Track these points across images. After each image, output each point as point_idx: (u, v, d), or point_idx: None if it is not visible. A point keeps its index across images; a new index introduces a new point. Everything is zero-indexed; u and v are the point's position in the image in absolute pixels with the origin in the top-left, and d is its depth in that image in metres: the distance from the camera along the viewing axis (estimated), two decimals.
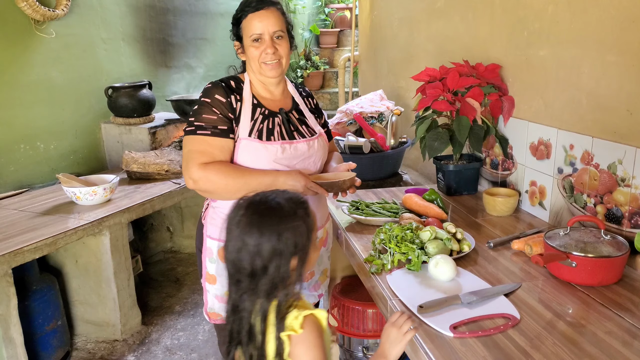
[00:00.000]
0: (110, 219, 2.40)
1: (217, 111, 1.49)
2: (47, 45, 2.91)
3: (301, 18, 5.51)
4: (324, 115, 1.74)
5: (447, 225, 1.70)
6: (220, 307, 1.63)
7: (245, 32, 1.51)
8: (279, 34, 1.52)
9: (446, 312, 1.28)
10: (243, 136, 1.49)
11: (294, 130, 1.57)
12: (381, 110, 2.83)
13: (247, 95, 1.55)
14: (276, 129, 1.54)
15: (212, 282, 1.62)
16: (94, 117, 3.25)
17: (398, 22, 3.27)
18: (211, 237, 1.59)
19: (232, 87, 1.55)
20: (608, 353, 1.10)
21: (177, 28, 3.94)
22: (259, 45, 1.50)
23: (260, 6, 1.49)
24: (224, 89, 1.52)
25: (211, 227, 1.59)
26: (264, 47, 1.50)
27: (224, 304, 1.60)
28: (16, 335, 2.03)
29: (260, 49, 1.50)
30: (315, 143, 1.59)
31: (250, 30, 1.50)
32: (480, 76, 2.08)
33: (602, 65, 1.59)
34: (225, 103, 1.50)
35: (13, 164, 2.79)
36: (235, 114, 1.51)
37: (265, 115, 1.54)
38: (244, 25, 1.51)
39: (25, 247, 2.02)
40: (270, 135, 1.52)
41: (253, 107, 1.54)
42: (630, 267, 1.49)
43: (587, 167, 1.67)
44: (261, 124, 1.52)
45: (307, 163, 1.57)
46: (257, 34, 1.49)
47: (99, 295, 2.52)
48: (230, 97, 1.52)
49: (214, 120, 1.48)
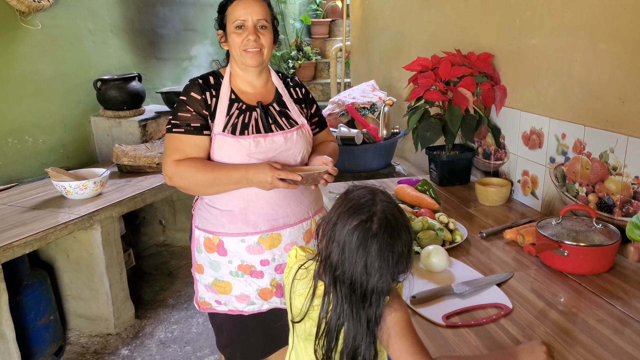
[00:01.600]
0: (101, 213, 2.38)
1: (192, 109, 1.51)
2: (33, 37, 2.86)
3: (292, 8, 5.46)
4: (314, 105, 1.72)
5: (439, 216, 1.70)
6: (210, 297, 1.64)
7: (229, 18, 1.50)
8: (262, 23, 1.50)
9: (439, 303, 1.28)
10: (217, 132, 1.50)
11: (272, 123, 1.55)
12: (373, 100, 2.81)
13: (225, 90, 1.55)
14: (252, 123, 1.52)
15: (200, 271, 1.64)
16: (83, 110, 3.21)
17: (390, 12, 3.24)
18: (199, 227, 1.61)
19: (210, 83, 1.55)
20: (599, 341, 1.11)
21: (166, 19, 3.89)
22: (241, 32, 1.49)
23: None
24: (200, 86, 1.54)
25: (199, 218, 1.62)
26: (246, 34, 1.48)
27: (212, 293, 1.61)
28: (8, 331, 2.02)
29: (242, 36, 1.49)
30: (293, 135, 1.55)
31: (233, 17, 1.49)
32: (473, 65, 2.07)
33: (593, 54, 1.58)
34: (200, 100, 1.52)
35: (1, 159, 2.75)
36: (210, 111, 1.52)
37: (242, 110, 1.53)
38: (229, 12, 1.50)
39: (15, 242, 2.00)
40: (244, 130, 1.51)
41: (230, 102, 1.54)
42: (622, 256, 1.50)
43: (579, 156, 1.67)
44: (236, 119, 1.52)
45: (286, 156, 1.54)
46: (240, 20, 1.48)
47: (91, 289, 2.51)
48: (205, 93, 1.53)
49: (188, 118, 1.51)
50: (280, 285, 1.60)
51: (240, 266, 1.57)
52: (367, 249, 0.96)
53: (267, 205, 1.53)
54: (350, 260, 0.97)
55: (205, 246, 1.59)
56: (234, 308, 1.62)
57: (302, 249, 1.18)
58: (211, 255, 1.59)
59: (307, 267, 1.11)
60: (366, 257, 0.96)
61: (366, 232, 0.97)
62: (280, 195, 1.54)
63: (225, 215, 1.55)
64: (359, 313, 0.98)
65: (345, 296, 0.99)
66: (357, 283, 0.98)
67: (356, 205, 1.01)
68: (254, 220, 1.53)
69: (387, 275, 0.97)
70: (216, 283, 1.61)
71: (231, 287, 1.59)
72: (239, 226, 1.54)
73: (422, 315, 1.23)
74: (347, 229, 0.98)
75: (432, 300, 1.29)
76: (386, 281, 0.98)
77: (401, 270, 1.00)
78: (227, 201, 1.54)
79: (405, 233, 1.00)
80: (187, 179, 1.49)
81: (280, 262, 1.58)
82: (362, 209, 0.99)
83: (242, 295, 1.60)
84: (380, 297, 0.98)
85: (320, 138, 1.72)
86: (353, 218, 0.98)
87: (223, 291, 1.61)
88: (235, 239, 1.54)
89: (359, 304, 0.98)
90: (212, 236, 1.57)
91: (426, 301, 1.28)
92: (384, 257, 0.97)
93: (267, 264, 1.57)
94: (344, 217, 1.00)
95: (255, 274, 1.58)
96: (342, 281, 0.99)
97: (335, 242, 1.00)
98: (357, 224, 0.98)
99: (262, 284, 1.59)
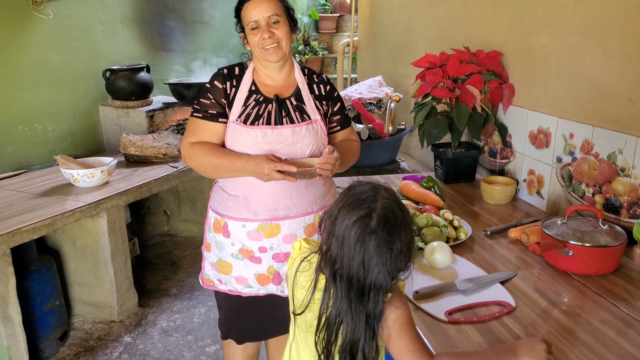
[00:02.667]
0: (108, 202, 2.39)
1: (211, 96, 1.59)
2: (45, 27, 2.88)
3: (300, 3, 5.45)
4: (339, 103, 1.72)
5: (444, 213, 1.70)
6: (213, 275, 1.70)
7: (245, 21, 1.55)
8: (274, 18, 1.54)
9: (442, 299, 1.28)
10: (232, 120, 1.57)
11: (285, 116, 1.58)
12: (380, 96, 2.81)
13: (247, 81, 1.60)
14: (265, 115, 1.57)
15: (208, 249, 1.71)
16: (91, 99, 3.23)
17: (398, 8, 3.23)
18: (212, 208, 1.68)
19: (235, 73, 1.62)
20: (602, 341, 1.11)
21: (175, 11, 3.89)
22: (256, 32, 1.54)
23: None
24: (223, 75, 1.61)
25: (213, 199, 1.69)
26: (261, 33, 1.53)
27: (216, 271, 1.67)
28: (15, 315, 2.04)
29: (258, 36, 1.54)
30: (302, 129, 1.58)
31: (247, 19, 1.54)
32: (481, 63, 2.07)
33: (604, 53, 1.57)
34: (221, 89, 1.59)
35: (11, 145, 2.78)
36: (228, 100, 1.59)
37: (259, 101, 1.58)
38: (243, 15, 1.55)
39: (24, 228, 2.02)
40: (256, 120, 1.56)
41: (250, 93, 1.59)
42: (628, 258, 1.49)
43: (587, 157, 1.66)
44: (252, 110, 1.57)
45: (293, 149, 1.57)
46: (253, 21, 1.53)
47: (96, 276, 2.53)
48: (226, 83, 1.59)
49: (207, 105, 1.59)
50: (277, 273, 1.63)
51: (241, 249, 1.62)
52: (365, 244, 0.97)
53: (268, 195, 1.57)
54: (348, 254, 0.98)
55: (214, 226, 1.66)
56: (233, 289, 1.67)
57: (307, 242, 1.19)
58: (217, 236, 1.65)
59: (310, 260, 1.11)
60: (364, 252, 0.97)
61: (364, 228, 0.97)
62: (281, 187, 1.56)
63: (231, 200, 1.61)
64: (357, 308, 0.99)
65: (343, 290, 0.99)
66: (354, 278, 0.98)
67: (357, 200, 1.01)
68: (254, 208, 1.58)
69: (385, 272, 0.97)
70: (219, 262, 1.67)
71: (232, 268, 1.65)
72: (242, 212, 1.59)
73: (424, 311, 1.23)
74: (347, 223, 0.99)
75: (435, 296, 1.29)
76: (384, 278, 0.98)
77: (400, 268, 1.00)
78: (235, 187, 1.60)
79: (406, 231, 1.00)
80: (196, 161, 1.58)
81: (278, 252, 1.61)
82: (363, 205, 1.00)
83: (241, 277, 1.65)
84: (379, 294, 0.98)
85: (340, 137, 1.74)
86: (352, 213, 0.99)
87: (224, 271, 1.66)
88: (237, 223, 1.60)
89: (357, 298, 0.99)
90: (220, 218, 1.64)
91: (429, 297, 1.29)
92: (382, 253, 0.97)
93: (265, 251, 1.61)
94: (344, 212, 1.00)
95: (254, 259, 1.62)
96: (341, 275, 0.99)
97: (335, 236, 1.00)
98: (356, 219, 0.98)
99: (260, 270, 1.63)
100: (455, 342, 1.11)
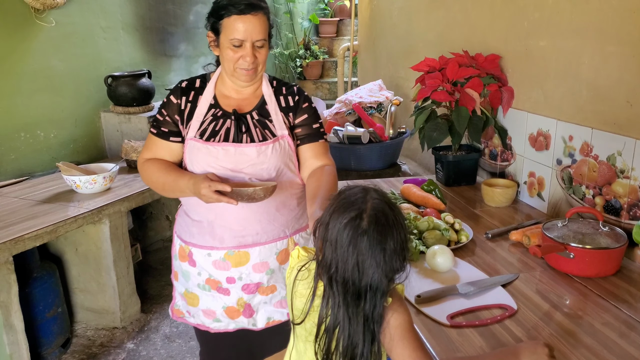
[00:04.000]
0: (110, 208, 2.40)
1: (165, 112, 1.50)
2: (47, 34, 2.90)
3: (301, 7, 5.47)
4: (305, 115, 1.53)
5: (445, 216, 1.71)
6: (183, 306, 1.60)
7: (226, 31, 1.39)
8: (260, 43, 1.41)
9: (443, 302, 1.28)
10: (190, 137, 1.46)
11: (244, 132, 1.44)
12: (380, 100, 2.82)
13: (208, 95, 1.49)
14: (222, 131, 1.44)
15: (176, 278, 1.62)
16: (93, 105, 3.24)
17: (398, 12, 3.25)
18: (177, 234, 1.59)
19: (195, 87, 1.51)
20: (604, 344, 1.11)
21: (176, 17, 3.91)
22: (238, 50, 1.40)
23: (248, 10, 1.37)
24: (181, 90, 1.50)
25: (177, 224, 1.60)
26: (244, 55, 1.40)
27: (184, 302, 1.56)
28: (17, 322, 2.04)
29: (238, 54, 1.40)
30: (269, 149, 1.44)
31: (232, 33, 1.38)
32: (480, 66, 2.08)
33: (602, 56, 1.58)
34: (175, 105, 1.49)
35: (13, 152, 2.79)
36: (182, 116, 1.48)
37: (217, 116, 1.46)
38: (226, 24, 1.38)
39: (26, 235, 2.03)
40: (212, 137, 1.43)
41: (209, 107, 1.48)
42: (629, 259, 1.49)
43: (586, 159, 1.67)
44: (209, 125, 1.45)
45: (259, 169, 1.44)
46: (238, 39, 1.38)
47: (98, 283, 2.54)
48: (182, 98, 1.48)
49: (161, 122, 1.51)
50: (248, 305, 1.53)
51: (207, 280, 1.51)
52: (358, 246, 0.96)
53: (235, 220, 1.45)
54: (342, 258, 0.98)
55: (179, 254, 1.56)
56: (201, 322, 1.57)
57: (305, 250, 1.18)
58: (183, 265, 1.55)
59: (309, 267, 1.11)
60: (357, 254, 0.96)
61: (356, 229, 0.97)
62: (249, 210, 1.44)
63: (195, 225, 1.50)
64: (354, 311, 0.98)
65: (340, 295, 0.99)
66: (349, 281, 0.98)
67: (347, 203, 1.01)
68: (220, 235, 1.46)
69: (379, 272, 0.97)
70: (187, 293, 1.57)
71: (199, 300, 1.54)
72: (206, 239, 1.48)
73: (426, 315, 1.24)
74: (338, 227, 0.99)
75: (437, 300, 1.30)
76: (379, 279, 0.97)
77: (396, 268, 1.00)
78: (198, 211, 1.48)
79: (398, 230, 0.99)
80: (147, 178, 1.51)
81: (248, 282, 1.50)
82: (353, 207, 0.99)
83: (209, 310, 1.54)
84: (375, 295, 0.98)
85: (307, 153, 1.54)
86: (343, 216, 0.99)
87: (191, 303, 1.56)
88: (202, 251, 1.49)
89: (354, 302, 0.98)
90: (185, 245, 1.53)
91: (431, 301, 1.29)
92: (375, 253, 0.96)
93: (234, 282, 1.50)
94: (335, 216, 1.00)
95: (222, 290, 1.51)
96: (337, 280, 0.99)
97: (329, 241, 1.00)
98: (347, 221, 0.98)
99: (229, 302, 1.52)
100: (457, 345, 1.12)
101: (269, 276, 1.53)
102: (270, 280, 1.54)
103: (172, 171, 1.46)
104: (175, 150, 1.50)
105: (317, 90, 5.27)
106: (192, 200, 1.47)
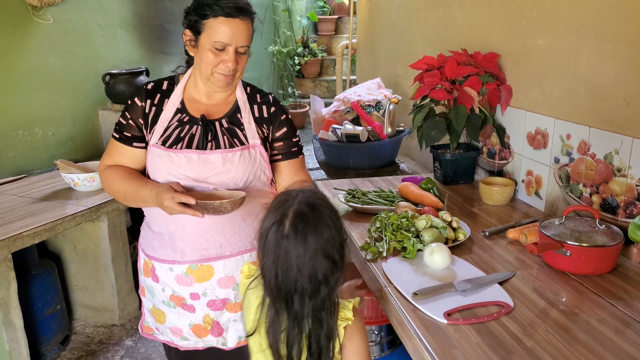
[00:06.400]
0: (108, 205, 2.40)
1: (129, 115, 1.42)
2: (44, 31, 2.89)
3: (299, 5, 5.47)
4: (284, 129, 1.47)
5: (442, 214, 1.71)
6: (152, 322, 1.53)
7: (209, 33, 1.31)
8: (244, 49, 1.35)
9: (440, 299, 1.29)
10: (152, 143, 1.38)
11: (210, 140, 1.37)
12: (379, 98, 2.82)
13: (175, 98, 1.41)
14: (186, 138, 1.37)
15: (142, 294, 1.54)
16: (91, 103, 3.24)
17: (396, 10, 3.25)
18: (140, 247, 1.52)
19: (161, 89, 1.43)
20: (600, 341, 1.12)
21: (174, 14, 3.90)
22: (219, 54, 1.32)
23: (237, 14, 1.30)
24: (146, 92, 1.42)
25: (141, 238, 1.52)
26: (225, 59, 1.33)
27: (153, 319, 1.49)
28: (16, 319, 2.05)
29: (219, 58, 1.33)
30: (236, 156, 1.36)
31: (215, 35, 1.30)
32: (478, 65, 2.08)
33: (600, 55, 1.59)
34: (139, 108, 1.41)
35: (11, 150, 2.79)
36: (146, 120, 1.40)
37: (183, 122, 1.39)
38: (210, 25, 1.30)
39: (25, 233, 2.03)
40: (175, 144, 1.36)
41: (175, 112, 1.40)
42: (625, 257, 1.50)
43: (584, 157, 1.67)
44: (173, 131, 1.38)
45: (224, 178, 1.36)
46: (222, 43, 1.31)
47: (97, 280, 2.54)
48: (147, 101, 1.40)
49: (124, 126, 1.43)
50: (216, 323, 1.45)
51: (171, 296, 1.43)
52: (280, 250, 0.98)
53: (196, 232, 1.37)
54: (270, 264, 0.99)
55: (144, 269, 1.49)
56: (170, 340, 1.50)
57: (254, 264, 1.17)
58: (147, 280, 1.48)
59: (259, 278, 1.09)
60: (279, 258, 0.98)
61: (278, 234, 0.99)
62: (212, 222, 1.36)
63: (156, 238, 1.43)
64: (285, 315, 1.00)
65: (271, 301, 1.01)
66: (277, 286, 0.99)
67: (272, 209, 1.02)
68: (181, 248, 1.38)
69: (301, 276, 0.98)
70: (154, 310, 1.50)
71: (165, 317, 1.47)
72: (168, 252, 1.40)
73: (423, 312, 1.24)
74: (265, 234, 1.00)
75: (434, 297, 1.30)
76: (307, 281, 0.98)
77: (323, 270, 0.99)
78: (159, 222, 1.41)
79: (326, 230, 0.99)
80: (108, 186, 1.44)
81: (213, 298, 1.42)
82: (277, 212, 1.01)
83: (176, 328, 1.47)
84: (303, 299, 0.99)
85: (284, 170, 1.50)
86: (268, 222, 1.00)
87: (159, 320, 1.49)
88: (164, 266, 1.41)
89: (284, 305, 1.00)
90: (148, 259, 1.46)
91: (428, 297, 1.30)
92: (297, 256, 0.97)
93: (198, 298, 1.42)
94: (264, 223, 1.02)
95: (187, 307, 1.43)
96: (269, 286, 1.01)
97: (262, 250, 1.02)
98: (271, 226, 0.99)
99: (195, 319, 1.44)
100: (454, 342, 1.12)
101: (236, 292, 1.45)
102: (238, 296, 1.45)
103: (134, 179, 1.38)
104: (138, 157, 1.42)
105: (315, 88, 5.27)
106: (154, 210, 1.40)
